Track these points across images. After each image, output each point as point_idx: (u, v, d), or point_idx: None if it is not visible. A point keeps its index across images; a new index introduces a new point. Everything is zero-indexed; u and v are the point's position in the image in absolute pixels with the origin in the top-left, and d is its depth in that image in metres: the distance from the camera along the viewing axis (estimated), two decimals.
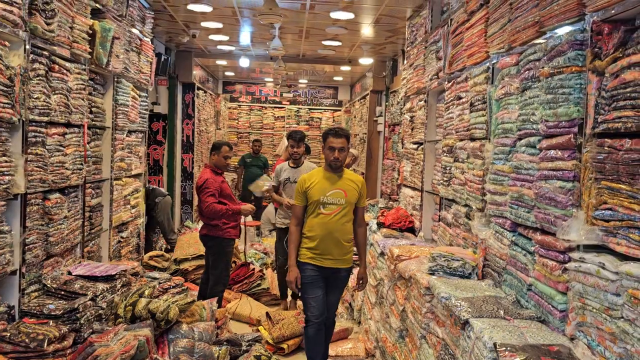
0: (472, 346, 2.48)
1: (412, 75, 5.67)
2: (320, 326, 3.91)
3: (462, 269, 3.39)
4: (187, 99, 9.34)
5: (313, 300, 3.85)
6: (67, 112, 3.87)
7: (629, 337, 1.94)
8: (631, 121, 2.00)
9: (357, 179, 3.92)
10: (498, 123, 3.24)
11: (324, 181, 3.82)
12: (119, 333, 3.34)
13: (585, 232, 2.25)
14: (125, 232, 5.47)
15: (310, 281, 3.85)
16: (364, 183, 3.95)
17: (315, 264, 3.83)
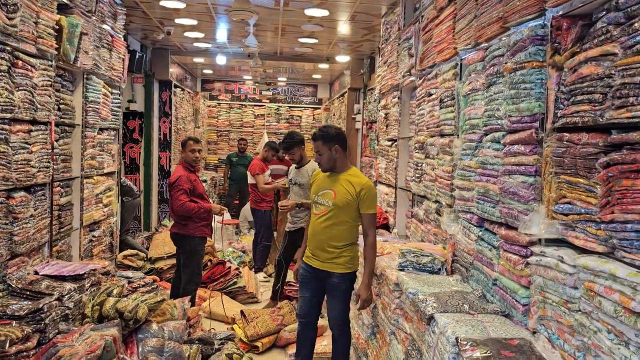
0: (436, 341, 2.48)
1: (387, 72, 5.68)
2: (306, 325, 3.87)
3: (431, 265, 3.40)
4: (164, 97, 9.24)
5: (300, 299, 3.86)
6: (32, 108, 3.79)
7: (585, 330, 1.95)
8: (588, 115, 2.02)
9: (357, 182, 3.51)
10: (465, 119, 3.26)
11: (323, 179, 3.67)
12: (85, 333, 3.28)
13: (545, 226, 2.27)
14: (97, 231, 5.39)
15: (301, 280, 3.84)
16: (366, 187, 3.49)
17: (308, 263, 3.77)
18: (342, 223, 3.53)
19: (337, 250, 3.57)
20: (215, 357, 3.97)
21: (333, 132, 3.62)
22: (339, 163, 3.58)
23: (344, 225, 3.53)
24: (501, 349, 2.12)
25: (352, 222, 3.55)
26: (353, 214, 3.52)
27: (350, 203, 3.48)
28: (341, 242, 3.57)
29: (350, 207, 3.49)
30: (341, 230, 3.54)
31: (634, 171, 1.77)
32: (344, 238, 3.57)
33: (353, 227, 3.59)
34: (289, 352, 4.79)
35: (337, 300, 3.67)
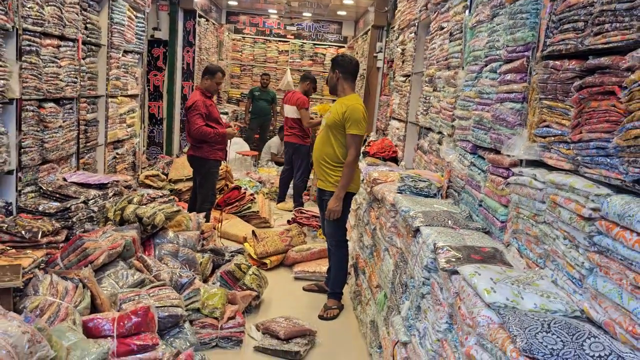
0: (419, 249, 2.74)
1: (406, 7, 5.71)
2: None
3: (427, 189, 3.62)
4: (189, 26, 9.35)
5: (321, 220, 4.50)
6: (60, 24, 4.01)
7: (547, 238, 2.17)
8: (571, 43, 2.15)
9: (346, 104, 3.88)
10: (470, 51, 3.38)
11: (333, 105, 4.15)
12: (108, 232, 3.64)
13: (525, 148, 2.45)
14: (121, 149, 5.72)
15: (317, 202, 4.42)
16: (351, 107, 3.85)
17: (317, 186, 4.23)
18: (332, 141, 3.90)
19: (329, 169, 3.95)
20: (225, 266, 4.34)
21: (339, 59, 4.01)
22: (339, 87, 3.95)
23: (333, 143, 3.90)
24: (471, 254, 2.36)
25: (341, 141, 3.90)
26: (341, 134, 3.88)
27: (337, 123, 3.84)
28: (332, 161, 3.94)
29: (337, 127, 3.86)
30: (331, 149, 3.91)
31: (600, 93, 1.92)
32: (334, 156, 3.93)
33: (340, 149, 3.92)
34: (295, 270, 5.16)
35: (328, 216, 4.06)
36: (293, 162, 7.48)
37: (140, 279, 3.41)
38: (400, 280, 3.06)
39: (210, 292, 3.71)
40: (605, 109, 1.90)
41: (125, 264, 3.58)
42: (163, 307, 3.16)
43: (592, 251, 1.84)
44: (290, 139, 7.47)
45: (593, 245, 1.84)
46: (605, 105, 1.90)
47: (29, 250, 3.24)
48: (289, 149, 7.53)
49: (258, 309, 4.29)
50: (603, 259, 1.78)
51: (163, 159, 8.36)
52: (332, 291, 4.37)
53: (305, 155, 7.45)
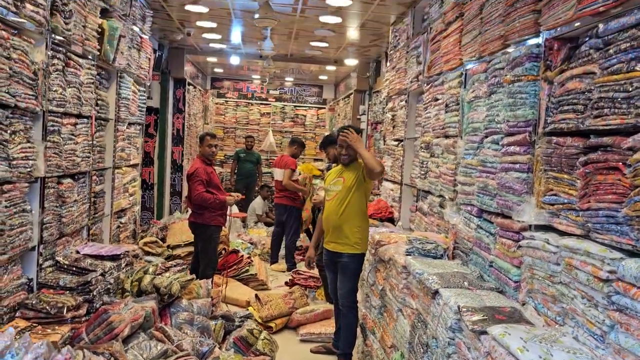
0: (440, 311, 2.92)
1: (395, 77, 6.11)
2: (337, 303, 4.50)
3: (435, 251, 3.84)
4: (178, 94, 9.66)
5: (328, 282, 4.66)
6: (79, 104, 4.22)
7: (564, 298, 2.39)
8: (572, 122, 2.46)
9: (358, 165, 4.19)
10: (468, 122, 3.69)
11: (335, 172, 4.41)
12: (128, 304, 3.71)
13: (535, 214, 2.71)
14: (124, 218, 5.81)
15: (325, 265, 4.53)
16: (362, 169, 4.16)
17: (326, 248, 4.39)
18: (351, 200, 4.15)
19: (350, 231, 4.15)
20: (237, 332, 4.41)
21: (361, 130, 4.19)
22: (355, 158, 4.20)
23: (352, 202, 4.15)
24: (495, 314, 2.56)
25: (360, 196, 4.17)
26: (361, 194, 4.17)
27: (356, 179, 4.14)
28: (350, 223, 4.16)
29: (357, 182, 4.14)
30: (350, 209, 4.16)
31: (605, 168, 2.20)
32: (352, 217, 4.17)
33: (361, 203, 4.20)
34: (301, 332, 5.23)
35: (346, 278, 4.25)
36: (285, 223, 7.65)
37: (163, 349, 3.47)
38: (420, 340, 3.21)
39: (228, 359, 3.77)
40: (612, 182, 2.17)
41: (146, 335, 3.64)
42: None
43: (611, 309, 2.06)
44: (282, 200, 7.68)
45: (612, 304, 2.06)
46: (611, 179, 2.17)
47: (55, 326, 3.29)
48: (281, 210, 7.72)
49: None
50: (623, 316, 2.00)
51: (156, 224, 8.42)
52: (343, 352, 4.46)
53: (296, 217, 7.65)
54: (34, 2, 3.31)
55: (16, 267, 3.48)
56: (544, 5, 2.75)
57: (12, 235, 3.30)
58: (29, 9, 3.27)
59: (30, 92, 3.38)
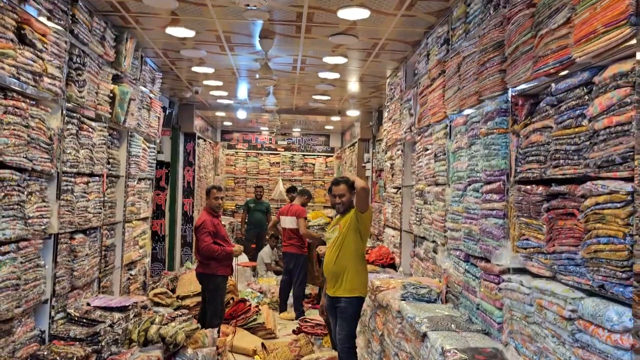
0: (428, 353, 3.05)
1: (391, 127, 6.39)
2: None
3: (428, 295, 3.98)
4: (189, 148, 10.04)
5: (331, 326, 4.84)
6: (91, 164, 4.52)
7: (538, 337, 2.53)
8: (536, 172, 2.67)
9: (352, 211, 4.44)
10: (454, 172, 3.91)
11: (334, 221, 4.70)
12: (135, 354, 3.89)
13: (511, 258, 2.88)
14: (134, 270, 6.03)
15: (327, 310, 4.73)
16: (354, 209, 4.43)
17: (327, 294, 4.59)
18: (346, 244, 4.36)
19: (348, 275, 4.34)
20: None
21: (351, 182, 4.48)
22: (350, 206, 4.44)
23: (347, 246, 4.36)
24: (476, 355, 2.70)
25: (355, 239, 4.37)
26: (353, 227, 4.37)
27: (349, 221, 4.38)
28: (346, 267, 4.35)
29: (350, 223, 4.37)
30: (345, 253, 4.35)
31: (564, 214, 2.39)
32: (348, 261, 4.36)
33: (357, 247, 4.39)
34: None
35: (344, 322, 4.39)
36: (292, 271, 7.78)
37: None
38: None
39: None
40: (570, 227, 2.35)
41: None
42: None
43: (576, 347, 2.21)
44: (289, 249, 7.83)
45: (576, 342, 2.21)
46: (569, 224, 2.36)
47: None
48: (289, 259, 7.87)
49: None
50: (585, 353, 2.14)
51: (167, 275, 8.61)
52: None
53: (303, 264, 7.78)
54: (50, 75, 3.66)
55: (29, 319, 3.69)
56: (508, 65, 3.01)
57: (27, 289, 3.53)
58: (47, 82, 3.61)
59: (46, 155, 3.69)
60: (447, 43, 4.22)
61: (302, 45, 5.52)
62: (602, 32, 2.11)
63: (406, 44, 5.40)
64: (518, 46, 2.89)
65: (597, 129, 2.15)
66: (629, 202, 1.95)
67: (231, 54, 5.96)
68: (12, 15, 3.15)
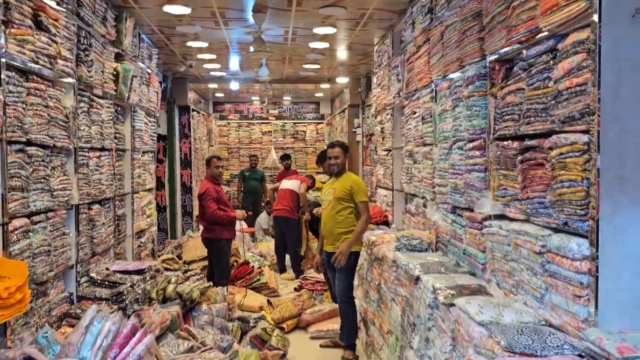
0: (421, 293, 3.47)
1: (380, 93, 6.70)
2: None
3: (420, 245, 4.39)
4: (184, 120, 10.30)
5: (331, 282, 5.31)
6: (101, 139, 4.83)
7: (515, 272, 2.94)
8: (512, 129, 3.02)
9: (349, 180, 4.84)
10: (440, 132, 4.27)
11: (328, 184, 5.08)
12: (156, 309, 4.28)
13: (491, 206, 3.27)
14: (143, 238, 6.40)
15: (325, 265, 5.17)
16: (355, 183, 4.82)
17: (325, 250, 5.02)
18: (341, 210, 4.79)
19: (341, 234, 4.78)
20: (252, 331, 4.96)
21: (345, 145, 4.98)
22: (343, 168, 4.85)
23: (343, 212, 4.79)
24: (462, 290, 3.11)
25: (349, 210, 4.79)
26: (349, 204, 4.78)
27: (345, 196, 4.76)
28: (343, 227, 4.79)
29: (346, 198, 4.77)
30: (341, 217, 4.79)
31: (535, 164, 2.76)
32: (344, 223, 4.80)
33: (352, 215, 4.80)
34: (310, 331, 5.77)
35: (342, 274, 4.85)
36: (285, 235, 8.14)
37: (189, 346, 4.02)
38: (408, 321, 3.75)
39: (246, 354, 4.32)
40: (540, 175, 2.73)
41: (174, 335, 4.19)
42: None
43: (545, 276, 2.61)
44: (280, 212, 8.08)
45: (545, 272, 2.61)
46: (539, 173, 2.73)
47: None
48: (280, 222, 8.14)
49: None
50: (553, 280, 2.55)
51: (170, 244, 9.01)
52: (347, 343, 5.00)
53: (296, 227, 8.11)
54: (63, 58, 3.93)
55: (60, 282, 4.06)
56: (485, 34, 3.34)
57: (56, 255, 3.88)
58: (61, 64, 3.89)
59: (64, 132, 3.99)
60: (431, 12, 4.51)
61: (293, 17, 5.77)
62: (564, 4, 2.44)
63: (392, 12, 5.67)
64: (494, 16, 3.20)
65: (561, 89, 2.50)
66: (585, 150, 2.32)
67: (225, 29, 6.20)
68: (29, 3, 3.40)
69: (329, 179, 6.55)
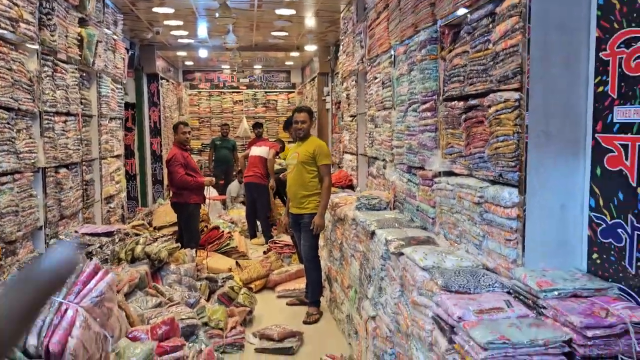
0: (375, 246, 3.70)
1: (346, 60, 6.83)
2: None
3: (379, 205, 4.61)
4: (152, 89, 10.26)
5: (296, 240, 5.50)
6: (67, 104, 4.87)
7: (459, 222, 3.17)
8: (458, 90, 3.22)
9: (312, 144, 5.02)
10: (398, 96, 4.45)
11: (293, 148, 5.25)
12: (125, 268, 4.43)
13: (440, 163, 3.48)
14: (113, 203, 6.49)
15: (291, 227, 5.39)
16: (318, 146, 5.01)
17: (291, 212, 5.20)
18: (306, 173, 4.95)
19: (305, 196, 4.97)
20: (220, 290, 5.16)
21: (312, 110, 5.18)
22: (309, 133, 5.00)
23: (307, 175, 4.95)
24: (411, 241, 3.34)
25: (313, 174, 4.96)
26: (313, 168, 4.95)
27: (309, 160, 4.93)
28: (308, 190, 4.97)
29: (309, 162, 4.93)
30: (306, 180, 4.96)
31: (477, 122, 2.97)
32: (309, 186, 4.97)
33: (316, 178, 4.97)
34: (278, 290, 6.01)
35: (308, 235, 5.06)
36: (256, 201, 8.31)
37: (158, 302, 4.20)
38: (365, 274, 3.99)
39: (213, 309, 4.53)
40: (481, 132, 2.94)
41: (142, 292, 4.36)
42: (181, 320, 3.97)
43: (483, 224, 2.85)
44: (251, 179, 8.21)
45: (483, 221, 2.84)
46: (480, 130, 2.94)
47: None
48: (251, 189, 8.28)
49: (252, 322, 5.10)
50: (489, 227, 2.79)
51: (141, 211, 9.09)
52: (312, 300, 5.25)
53: (266, 193, 8.28)
54: (26, 21, 3.95)
55: (29, 242, 4.17)
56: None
57: (24, 215, 3.98)
58: (23, 27, 3.92)
59: (28, 96, 4.05)
60: None
61: None
62: None
63: None
64: None
65: (498, 51, 2.69)
66: (516, 107, 2.53)
67: None
68: None
69: None
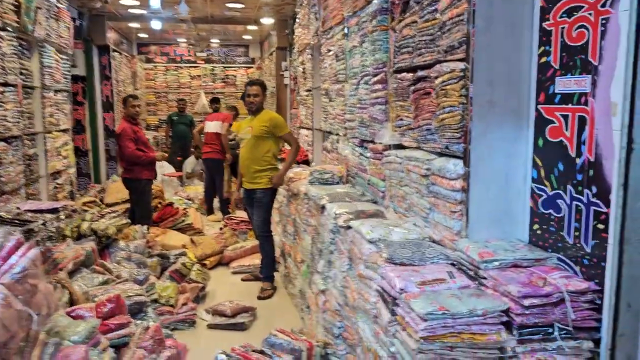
0: (326, 220, 3.66)
1: (302, 33, 6.71)
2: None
3: (332, 179, 4.58)
4: (104, 61, 9.87)
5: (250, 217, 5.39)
6: (4, 73, 4.61)
7: (408, 195, 3.16)
8: (407, 61, 3.18)
9: (267, 117, 4.90)
10: (350, 68, 4.38)
11: (246, 122, 5.09)
12: (70, 245, 4.27)
13: (390, 136, 3.46)
14: (60, 180, 6.25)
15: (244, 202, 5.29)
16: (273, 118, 4.93)
17: (244, 187, 5.10)
18: (260, 148, 4.84)
19: (259, 171, 4.86)
20: (172, 267, 5.06)
21: (264, 83, 5.05)
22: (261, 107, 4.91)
23: (261, 150, 4.84)
24: (360, 214, 3.32)
25: (267, 148, 4.84)
26: (269, 141, 4.82)
27: (265, 133, 4.78)
28: (260, 165, 4.86)
29: (264, 136, 4.80)
30: (259, 155, 4.84)
31: (425, 94, 2.94)
32: (262, 161, 4.86)
33: (269, 152, 4.86)
34: (232, 266, 5.94)
35: (260, 210, 4.98)
36: (214, 177, 8.18)
37: (104, 279, 4.08)
38: (316, 248, 3.97)
39: (163, 286, 4.43)
40: (428, 104, 2.91)
41: (89, 270, 4.22)
42: (128, 297, 3.86)
43: (430, 196, 2.84)
44: (210, 155, 8.02)
45: (430, 193, 2.84)
46: (428, 102, 2.92)
47: None
48: (210, 165, 8.11)
49: (205, 298, 5.03)
50: (436, 200, 2.78)
51: (94, 188, 8.81)
52: (266, 275, 5.21)
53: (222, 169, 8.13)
54: None
55: None
56: None
57: None
58: None
59: None
60: None
61: None
62: None
63: None
64: None
65: (444, 20, 2.65)
66: (462, 77, 2.50)
67: None
68: None
69: None
